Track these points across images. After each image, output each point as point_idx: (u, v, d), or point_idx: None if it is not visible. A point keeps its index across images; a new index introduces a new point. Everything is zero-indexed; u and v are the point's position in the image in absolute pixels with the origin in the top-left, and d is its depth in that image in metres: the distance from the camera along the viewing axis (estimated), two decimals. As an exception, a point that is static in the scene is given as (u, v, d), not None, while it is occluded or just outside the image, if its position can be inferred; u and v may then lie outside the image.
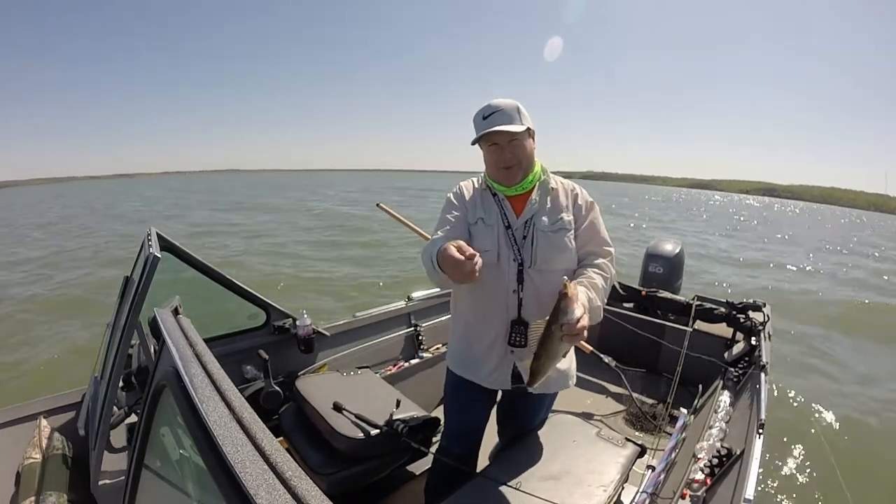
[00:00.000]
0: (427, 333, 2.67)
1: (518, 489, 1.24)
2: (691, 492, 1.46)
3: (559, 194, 1.32)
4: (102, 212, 22.95)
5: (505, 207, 1.31)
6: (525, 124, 1.22)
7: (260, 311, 2.07)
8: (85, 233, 14.63)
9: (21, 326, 5.59)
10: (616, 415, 2.56)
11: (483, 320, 1.33)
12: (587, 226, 1.31)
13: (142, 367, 1.48)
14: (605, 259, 1.29)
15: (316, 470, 1.52)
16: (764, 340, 2.40)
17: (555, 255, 1.27)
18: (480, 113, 1.24)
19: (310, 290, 7.18)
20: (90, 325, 5.36)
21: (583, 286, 1.18)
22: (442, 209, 1.39)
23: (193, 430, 0.56)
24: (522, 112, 1.23)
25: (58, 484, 1.31)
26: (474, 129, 1.27)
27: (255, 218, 18.00)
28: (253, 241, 12.07)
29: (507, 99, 1.25)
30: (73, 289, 7.30)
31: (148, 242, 1.41)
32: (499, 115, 1.21)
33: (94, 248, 11.20)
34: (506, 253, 1.27)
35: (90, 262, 9.42)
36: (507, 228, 1.29)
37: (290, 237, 12.90)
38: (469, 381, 1.41)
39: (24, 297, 6.87)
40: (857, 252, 16.34)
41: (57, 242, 12.53)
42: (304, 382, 1.84)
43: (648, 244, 3.54)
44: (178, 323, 0.86)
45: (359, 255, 10.28)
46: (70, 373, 4.09)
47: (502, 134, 1.20)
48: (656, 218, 25.16)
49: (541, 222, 1.28)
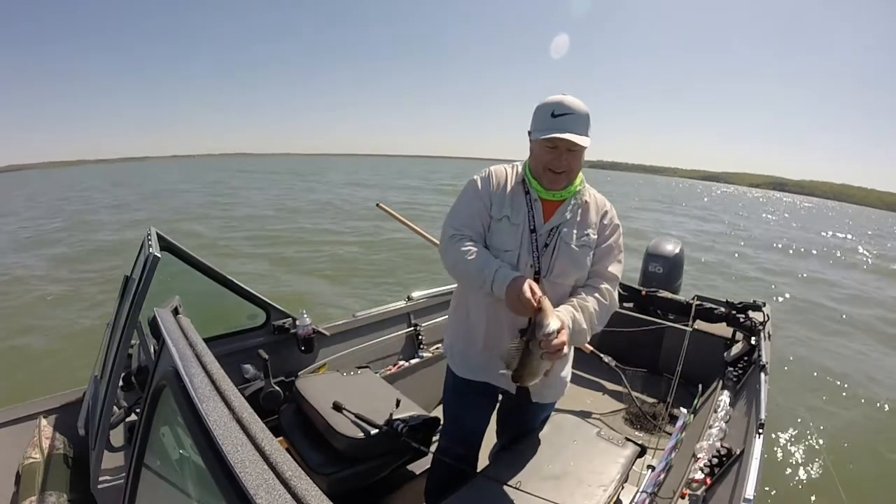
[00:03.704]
0: (427, 333, 2.67)
1: (518, 489, 1.24)
2: (691, 491, 1.47)
3: (590, 209, 1.28)
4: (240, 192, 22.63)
5: (535, 209, 1.24)
6: (589, 137, 1.16)
7: (260, 310, 2.07)
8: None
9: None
10: (616, 414, 2.56)
11: (491, 325, 1.30)
12: (605, 248, 1.27)
13: (142, 367, 1.48)
14: (607, 285, 1.25)
15: (316, 470, 1.51)
16: (764, 340, 2.40)
17: (572, 271, 1.24)
18: (550, 107, 1.15)
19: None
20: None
21: (571, 306, 1.17)
22: (464, 192, 1.30)
23: (193, 429, 0.56)
24: (590, 123, 1.17)
25: (58, 484, 1.31)
26: (536, 120, 1.18)
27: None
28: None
29: (580, 101, 1.16)
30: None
31: (148, 242, 1.41)
32: (570, 120, 1.13)
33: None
34: (525, 258, 1.22)
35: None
36: (532, 232, 1.22)
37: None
38: (470, 383, 1.40)
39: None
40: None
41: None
42: (303, 382, 1.84)
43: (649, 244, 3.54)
44: (178, 323, 0.86)
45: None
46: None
47: (568, 141, 1.12)
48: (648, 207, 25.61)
49: (567, 234, 1.23)
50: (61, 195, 23.88)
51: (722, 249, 12.72)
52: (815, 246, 15.75)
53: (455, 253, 1.20)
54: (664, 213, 23.03)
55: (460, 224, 1.25)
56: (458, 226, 1.25)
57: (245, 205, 17.37)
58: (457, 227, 1.25)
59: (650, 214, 20.75)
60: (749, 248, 13.46)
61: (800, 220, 30.44)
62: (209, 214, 14.23)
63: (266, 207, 16.52)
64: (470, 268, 1.16)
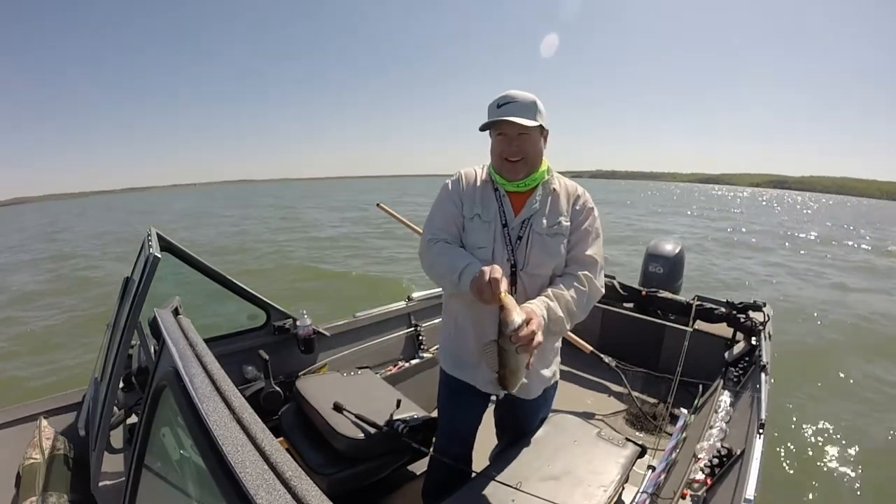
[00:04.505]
0: (427, 333, 2.67)
1: (518, 489, 1.24)
2: (692, 492, 1.46)
3: (560, 197, 1.28)
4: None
5: (504, 204, 1.27)
6: (538, 121, 1.19)
7: (260, 311, 2.07)
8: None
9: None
10: (616, 415, 2.56)
11: (475, 322, 1.31)
12: (580, 232, 1.27)
13: (142, 368, 1.48)
14: (586, 271, 1.24)
15: (316, 470, 1.51)
16: (764, 340, 2.40)
17: (547, 260, 1.25)
18: (496, 101, 1.20)
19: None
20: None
21: (545, 296, 1.17)
22: (438, 198, 1.34)
23: (193, 430, 0.56)
24: (539, 109, 1.20)
25: (58, 484, 1.31)
26: (487, 115, 1.22)
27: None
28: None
29: (527, 92, 1.20)
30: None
31: (148, 242, 1.41)
32: (513, 106, 1.17)
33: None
34: (500, 252, 1.24)
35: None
36: (503, 227, 1.25)
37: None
38: (461, 382, 1.40)
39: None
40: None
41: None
42: (304, 382, 1.84)
43: (649, 244, 3.54)
44: (178, 323, 0.86)
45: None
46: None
47: (512, 125, 1.17)
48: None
49: (538, 224, 1.25)
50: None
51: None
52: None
53: (430, 256, 1.24)
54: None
55: (436, 228, 1.29)
56: (435, 230, 1.29)
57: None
58: (433, 232, 1.29)
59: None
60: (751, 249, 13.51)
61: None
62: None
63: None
64: (443, 268, 1.19)
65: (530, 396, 1.42)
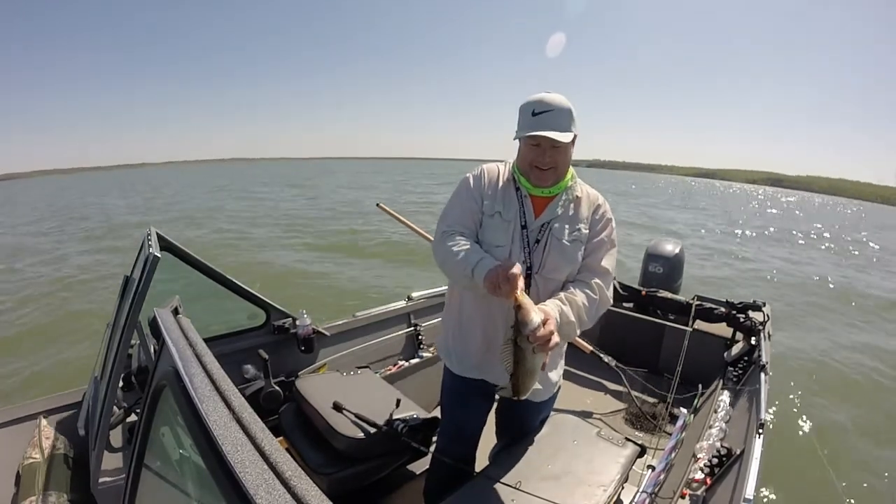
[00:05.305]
0: (427, 333, 2.67)
1: (518, 489, 1.24)
2: (691, 491, 1.47)
3: (582, 204, 1.28)
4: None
5: (525, 205, 1.26)
6: (573, 132, 1.17)
7: (260, 310, 2.07)
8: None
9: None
10: (616, 414, 2.56)
11: (484, 316, 1.30)
12: (597, 242, 1.27)
13: (142, 367, 1.48)
14: (598, 279, 1.24)
15: (316, 470, 1.51)
16: (764, 340, 2.40)
17: (564, 266, 1.24)
18: (531, 106, 1.16)
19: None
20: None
21: (558, 299, 1.16)
22: (456, 191, 1.32)
23: (193, 430, 0.56)
24: (574, 117, 1.17)
25: (58, 484, 1.31)
26: (519, 119, 1.19)
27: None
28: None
29: (561, 96, 1.17)
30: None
31: (148, 242, 1.40)
32: (550, 117, 1.14)
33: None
34: (517, 253, 1.23)
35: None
36: (522, 228, 1.24)
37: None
38: (468, 383, 1.40)
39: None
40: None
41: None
42: (303, 382, 1.84)
43: (649, 244, 3.54)
44: (178, 323, 0.86)
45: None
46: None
47: (548, 139, 1.14)
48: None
49: (558, 230, 1.24)
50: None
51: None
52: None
53: (444, 249, 1.22)
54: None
55: (452, 221, 1.28)
56: (450, 223, 1.27)
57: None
58: (449, 224, 1.27)
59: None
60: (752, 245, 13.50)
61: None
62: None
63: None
64: (456, 260, 1.18)
65: (537, 399, 1.42)
